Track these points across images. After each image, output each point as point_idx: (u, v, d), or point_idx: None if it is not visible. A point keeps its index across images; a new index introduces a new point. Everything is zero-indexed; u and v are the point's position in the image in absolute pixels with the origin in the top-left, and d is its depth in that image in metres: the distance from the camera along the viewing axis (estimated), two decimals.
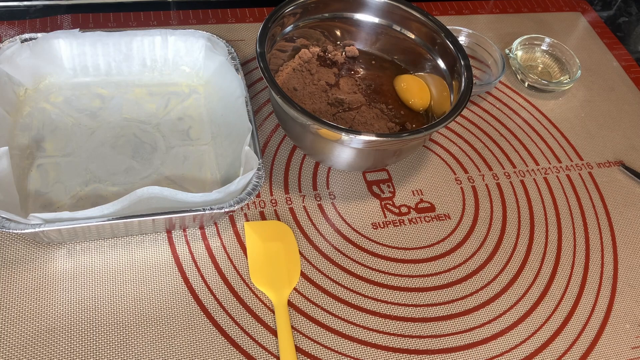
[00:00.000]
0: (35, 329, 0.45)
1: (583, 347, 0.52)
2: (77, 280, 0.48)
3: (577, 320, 0.53)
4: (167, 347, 0.46)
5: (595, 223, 0.61)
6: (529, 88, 0.73)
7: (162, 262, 0.50)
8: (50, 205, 0.50)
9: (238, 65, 0.59)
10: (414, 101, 0.61)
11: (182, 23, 0.70)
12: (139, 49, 0.59)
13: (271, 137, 0.61)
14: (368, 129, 0.58)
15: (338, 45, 0.65)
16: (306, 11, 0.60)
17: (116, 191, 0.52)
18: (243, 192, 0.49)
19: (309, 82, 0.61)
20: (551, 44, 0.76)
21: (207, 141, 0.58)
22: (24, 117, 0.56)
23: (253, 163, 0.50)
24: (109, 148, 0.55)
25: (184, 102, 0.60)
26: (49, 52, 0.57)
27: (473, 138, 0.66)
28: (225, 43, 0.60)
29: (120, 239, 0.50)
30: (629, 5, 0.93)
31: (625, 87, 0.77)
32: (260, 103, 0.64)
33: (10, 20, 0.65)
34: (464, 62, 0.57)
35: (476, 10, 0.82)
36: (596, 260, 0.58)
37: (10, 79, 0.55)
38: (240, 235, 0.53)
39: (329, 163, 0.57)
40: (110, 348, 0.45)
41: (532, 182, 0.63)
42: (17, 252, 0.48)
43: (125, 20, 0.69)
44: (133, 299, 0.48)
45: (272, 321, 0.48)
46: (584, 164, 0.67)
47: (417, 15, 0.61)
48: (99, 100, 0.59)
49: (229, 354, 0.46)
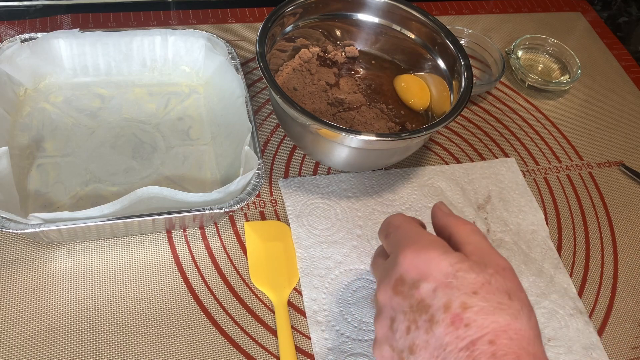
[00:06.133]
0: (35, 329, 0.45)
1: None
2: (77, 280, 0.48)
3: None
4: (167, 347, 0.46)
5: (595, 223, 0.61)
6: (529, 88, 0.73)
7: (162, 262, 0.50)
8: (50, 205, 0.50)
9: (238, 65, 0.59)
10: (414, 101, 0.61)
11: (182, 23, 0.70)
12: (139, 49, 0.59)
13: (271, 137, 0.61)
14: (368, 129, 0.58)
15: (338, 45, 0.65)
16: (306, 11, 0.60)
17: (116, 191, 0.52)
18: (243, 192, 0.49)
19: (309, 82, 0.61)
20: (551, 44, 0.76)
21: (207, 141, 0.58)
22: (24, 117, 0.56)
23: (253, 163, 0.50)
24: (109, 148, 0.55)
25: (183, 102, 0.60)
26: (49, 52, 0.57)
27: (473, 138, 0.66)
28: (225, 43, 0.60)
29: (120, 239, 0.50)
30: (629, 5, 0.93)
31: (625, 87, 0.77)
32: (260, 103, 0.64)
33: (10, 20, 0.65)
34: (464, 62, 0.57)
35: (476, 10, 0.82)
36: (596, 260, 0.58)
37: (10, 78, 0.55)
38: (240, 235, 0.53)
39: (329, 163, 0.57)
40: (110, 348, 0.45)
41: (532, 182, 0.63)
42: (17, 252, 0.48)
43: (125, 20, 0.69)
44: (133, 299, 0.48)
45: (272, 321, 0.48)
46: (584, 164, 0.67)
47: (417, 15, 0.61)
48: (98, 100, 0.59)
49: (229, 354, 0.46)
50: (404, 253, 0.35)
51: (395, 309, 0.35)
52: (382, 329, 0.36)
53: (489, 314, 0.32)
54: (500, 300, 0.32)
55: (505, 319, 0.32)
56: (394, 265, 0.36)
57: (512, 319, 0.32)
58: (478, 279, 0.33)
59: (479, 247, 0.36)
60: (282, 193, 0.56)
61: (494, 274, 0.34)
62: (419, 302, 0.33)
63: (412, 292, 0.34)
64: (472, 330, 0.31)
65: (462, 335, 0.31)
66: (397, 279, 0.35)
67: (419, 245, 0.35)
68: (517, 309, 0.32)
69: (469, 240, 0.36)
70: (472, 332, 0.31)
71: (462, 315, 0.32)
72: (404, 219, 0.39)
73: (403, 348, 0.34)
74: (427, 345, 0.33)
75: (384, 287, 0.36)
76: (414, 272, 0.34)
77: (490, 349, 0.31)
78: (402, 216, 0.40)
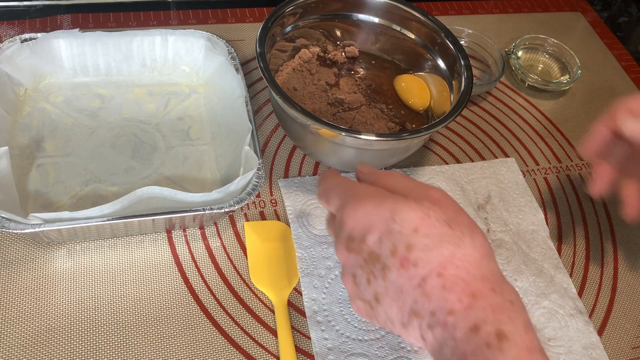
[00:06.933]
0: (35, 329, 0.45)
1: None
2: (77, 280, 0.48)
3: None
4: (167, 347, 0.46)
5: (596, 223, 0.61)
6: (529, 88, 0.73)
7: (162, 262, 0.50)
8: (50, 205, 0.50)
9: (238, 65, 0.59)
10: (414, 101, 0.61)
11: (182, 23, 0.70)
12: (139, 49, 0.59)
13: (271, 137, 0.61)
14: (368, 129, 0.58)
15: (338, 46, 0.65)
16: (306, 11, 0.60)
17: (116, 191, 0.52)
18: (243, 192, 0.49)
19: (309, 82, 0.61)
20: (551, 44, 0.76)
21: (207, 141, 0.58)
22: (24, 117, 0.56)
23: (253, 163, 0.50)
24: (109, 148, 0.55)
25: (183, 102, 0.60)
26: (49, 52, 0.57)
27: (473, 138, 0.66)
28: (225, 43, 0.60)
29: (120, 239, 0.50)
30: (629, 5, 0.93)
31: (625, 87, 0.77)
32: (260, 103, 0.64)
33: (10, 20, 0.65)
34: (464, 62, 0.57)
35: (476, 10, 0.82)
36: (596, 260, 0.58)
37: (10, 79, 0.55)
38: (240, 235, 0.53)
39: (329, 163, 0.57)
40: (110, 348, 0.45)
41: (532, 182, 0.63)
42: (17, 252, 0.48)
43: (125, 20, 0.69)
44: (133, 299, 0.48)
45: (272, 321, 0.48)
46: (584, 164, 0.67)
47: (417, 15, 0.61)
48: (98, 100, 0.59)
49: (229, 354, 0.46)
50: (346, 211, 0.37)
51: (353, 265, 0.36)
52: (349, 285, 0.37)
53: (432, 248, 0.33)
54: (441, 232, 0.33)
55: (448, 250, 0.33)
56: (341, 225, 0.37)
57: (455, 247, 0.33)
58: (416, 214, 0.34)
59: (409, 187, 0.37)
60: (282, 193, 0.56)
61: (431, 206, 0.35)
62: (369, 254, 0.35)
63: (361, 247, 0.35)
64: (420, 267, 0.33)
65: (413, 275, 0.33)
66: (346, 238, 0.37)
67: (357, 200, 0.37)
68: (458, 236, 0.34)
69: (399, 185, 0.37)
70: (420, 269, 0.33)
71: (409, 256, 0.33)
72: (335, 180, 0.40)
73: (370, 298, 0.36)
74: (387, 291, 0.34)
75: (338, 247, 0.38)
76: (359, 227, 0.36)
77: (440, 282, 0.32)
78: (333, 176, 0.41)
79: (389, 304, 0.35)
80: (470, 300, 0.32)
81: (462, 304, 0.32)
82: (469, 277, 0.32)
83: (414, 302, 0.33)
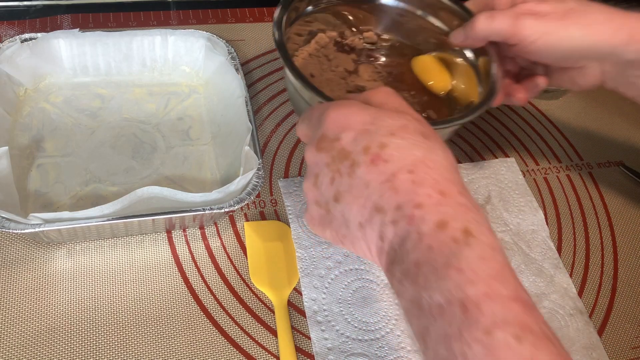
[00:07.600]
0: (35, 329, 0.45)
1: None
2: (77, 280, 0.48)
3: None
4: (167, 347, 0.46)
5: (596, 223, 0.61)
6: None
7: (162, 262, 0.50)
8: (50, 205, 0.50)
9: (238, 65, 0.59)
10: (434, 83, 0.59)
11: (182, 23, 0.70)
12: (139, 49, 0.59)
13: (271, 137, 0.61)
14: None
15: (356, 31, 0.62)
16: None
17: (116, 191, 0.52)
18: (243, 192, 0.49)
19: (327, 68, 0.59)
20: None
21: (207, 141, 0.58)
22: (24, 117, 0.56)
23: (253, 163, 0.50)
24: (109, 148, 0.55)
25: (183, 102, 0.60)
26: (49, 52, 0.57)
27: (473, 138, 0.66)
28: (225, 43, 0.60)
29: (120, 239, 0.50)
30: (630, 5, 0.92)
31: None
32: (260, 103, 0.64)
33: (10, 20, 0.65)
34: (493, 57, 0.53)
35: None
36: (596, 260, 0.58)
37: (10, 79, 0.55)
38: (240, 235, 0.53)
39: None
40: (110, 348, 0.45)
41: (532, 182, 0.63)
42: (17, 252, 0.48)
43: (125, 20, 0.69)
44: (133, 299, 0.48)
45: (272, 321, 0.48)
46: (584, 164, 0.67)
47: (443, 1, 0.58)
48: (98, 100, 0.59)
49: (229, 354, 0.46)
50: (327, 113, 0.37)
51: (319, 164, 0.37)
52: (309, 190, 0.37)
53: (406, 148, 0.34)
54: (416, 139, 0.35)
55: (422, 153, 0.34)
56: (319, 125, 0.37)
57: (428, 152, 0.34)
58: (395, 123, 0.35)
59: (395, 104, 0.38)
60: (282, 193, 0.56)
61: (411, 119, 0.36)
62: (340, 151, 0.35)
63: (333, 145, 0.36)
64: (392, 164, 0.33)
65: (383, 170, 0.33)
66: (319, 138, 0.37)
67: (340, 104, 0.37)
68: (431, 145, 0.35)
69: (386, 100, 0.38)
70: (391, 165, 0.33)
71: (381, 153, 0.34)
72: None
73: (328, 199, 0.36)
74: (351, 188, 0.35)
75: (309, 147, 0.38)
76: (335, 127, 0.36)
77: (410, 177, 0.33)
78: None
79: (350, 202, 0.35)
80: (439, 197, 0.32)
81: (431, 199, 0.32)
82: (440, 177, 0.33)
83: (380, 197, 0.33)
